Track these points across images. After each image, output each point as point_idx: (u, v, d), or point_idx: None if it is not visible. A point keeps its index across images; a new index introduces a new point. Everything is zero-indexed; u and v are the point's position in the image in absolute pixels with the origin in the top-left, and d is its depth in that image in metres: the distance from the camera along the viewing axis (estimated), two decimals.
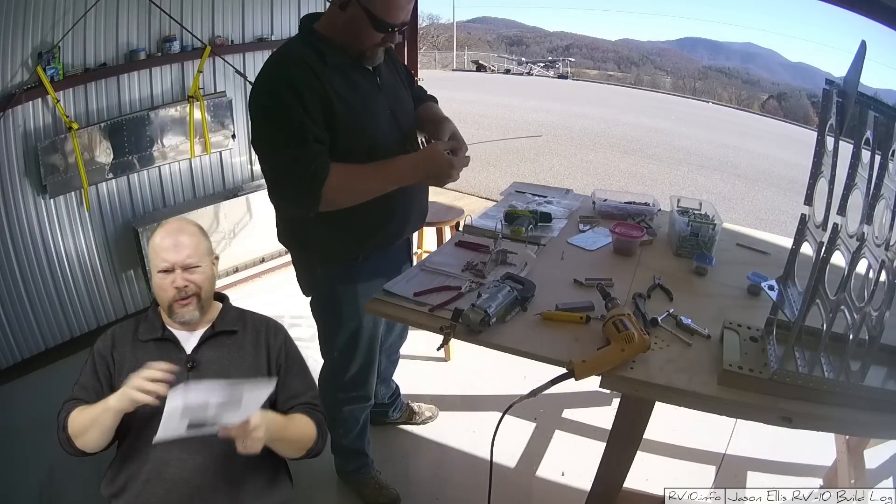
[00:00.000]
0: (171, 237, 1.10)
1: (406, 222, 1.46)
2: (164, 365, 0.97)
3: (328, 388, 1.57)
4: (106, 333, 1.14)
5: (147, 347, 1.10)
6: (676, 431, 1.93)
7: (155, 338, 1.11)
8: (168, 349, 1.10)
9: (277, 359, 1.17)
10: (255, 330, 1.19)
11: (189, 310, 1.11)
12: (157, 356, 1.08)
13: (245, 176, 2.97)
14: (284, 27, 2.91)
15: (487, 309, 1.12)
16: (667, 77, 31.91)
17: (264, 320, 1.23)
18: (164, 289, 1.10)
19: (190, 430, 0.92)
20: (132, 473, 1.04)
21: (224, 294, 1.25)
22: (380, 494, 1.73)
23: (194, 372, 1.08)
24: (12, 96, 2.02)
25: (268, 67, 1.26)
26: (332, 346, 1.53)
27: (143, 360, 1.06)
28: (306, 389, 1.18)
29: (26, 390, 2.16)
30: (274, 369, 1.16)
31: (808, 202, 1.13)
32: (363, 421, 1.68)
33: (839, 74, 1.07)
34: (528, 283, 1.27)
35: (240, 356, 1.14)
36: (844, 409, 0.95)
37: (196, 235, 1.14)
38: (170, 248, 1.09)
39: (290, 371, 1.18)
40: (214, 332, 1.14)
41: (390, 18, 1.21)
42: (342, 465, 1.76)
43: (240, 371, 1.11)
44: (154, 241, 1.12)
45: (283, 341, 1.20)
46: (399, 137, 1.38)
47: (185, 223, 1.16)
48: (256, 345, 1.16)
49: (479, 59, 23.31)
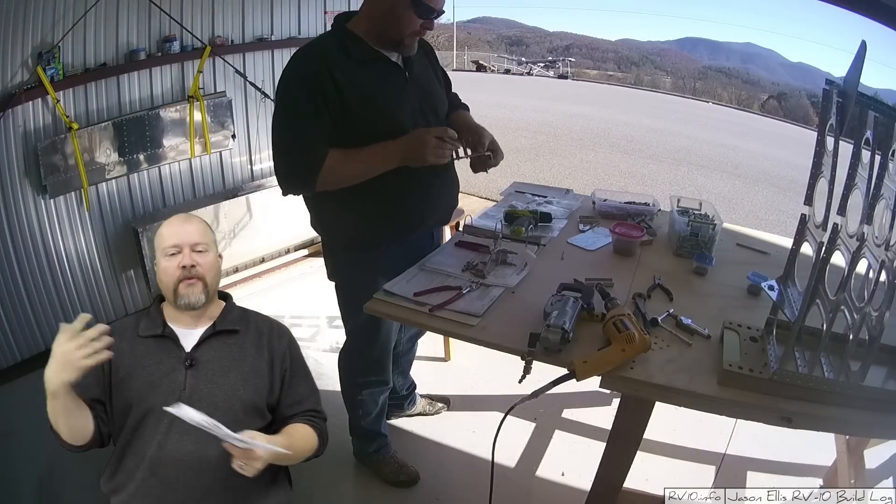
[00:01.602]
0: (178, 224, 1.13)
1: (426, 214, 1.49)
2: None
3: (348, 372, 1.67)
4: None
5: (146, 344, 1.10)
6: (676, 431, 1.93)
7: (155, 334, 1.10)
8: (167, 346, 1.10)
9: (282, 363, 1.16)
10: (257, 331, 1.18)
11: (195, 291, 1.10)
12: (156, 353, 1.08)
13: (245, 176, 2.97)
14: (284, 27, 2.91)
15: (564, 326, 1.08)
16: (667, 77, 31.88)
17: (268, 322, 1.22)
18: (171, 271, 1.09)
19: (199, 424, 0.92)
20: (129, 472, 1.04)
21: (227, 293, 1.24)
22: (400, 472, 1.77)
23: (192, 370, 1.07)
24: (12, 96, 2.02)
25: (290, 61, 1.35)
26: (353, 330, 1.59)
27: (141, 357, 1.07)
28: (310, 394, 1.18)
29: (26, 390, 2.15)
30: (278, 374, 1.15)
31: (808, 202, 1.13)
32: (381, 403, 1.73)
33: (839, 74, 1.07)
34: (584, 287, 1.23)
35: (240, 356, 1.13)
36: (844, 409, 0.95)
37: (203, 225, 1.17)
38: (177, 232, 1.11)
39: (296, 376, 1.18)
40: (215, 330, 1.13)
41: (433, 3, 1.29)
42: (362, 447, 1.80)
43: (239, 371, 1.10)
44: (161, 231, 1.13)
45: (287, 345, 1.19)
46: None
47: (192, 215, 1.19)
48: (258, 346, 1.15)
49: (479, 59, 23.28)
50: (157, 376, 1.06)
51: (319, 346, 2.48)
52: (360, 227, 1.43)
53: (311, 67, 1.29)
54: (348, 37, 1.34)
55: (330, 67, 1.28)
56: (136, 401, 1.04)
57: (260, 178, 2.99)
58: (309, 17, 3.00)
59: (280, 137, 1.34)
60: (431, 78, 1.51)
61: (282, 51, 2.88)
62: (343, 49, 1.32)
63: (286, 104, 1.33)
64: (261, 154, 2.99)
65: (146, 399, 1.04)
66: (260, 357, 1.14)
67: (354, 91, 1.29)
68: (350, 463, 1.84)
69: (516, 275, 1.40)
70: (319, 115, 1.28)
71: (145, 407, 1.04)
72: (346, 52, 1.31)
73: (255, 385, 1.11)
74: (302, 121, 1.30)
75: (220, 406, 1.06)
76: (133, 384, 1.05)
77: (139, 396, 1.04)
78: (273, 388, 1.14)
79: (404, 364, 1.92)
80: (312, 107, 1.28)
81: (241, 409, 1.08)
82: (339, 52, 1.31)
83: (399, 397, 1.98)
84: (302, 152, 1.31)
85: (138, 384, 1.05)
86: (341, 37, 1.34)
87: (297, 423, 1.13)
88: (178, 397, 1.03)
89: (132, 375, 1.06)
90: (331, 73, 1.27)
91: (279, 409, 1.15)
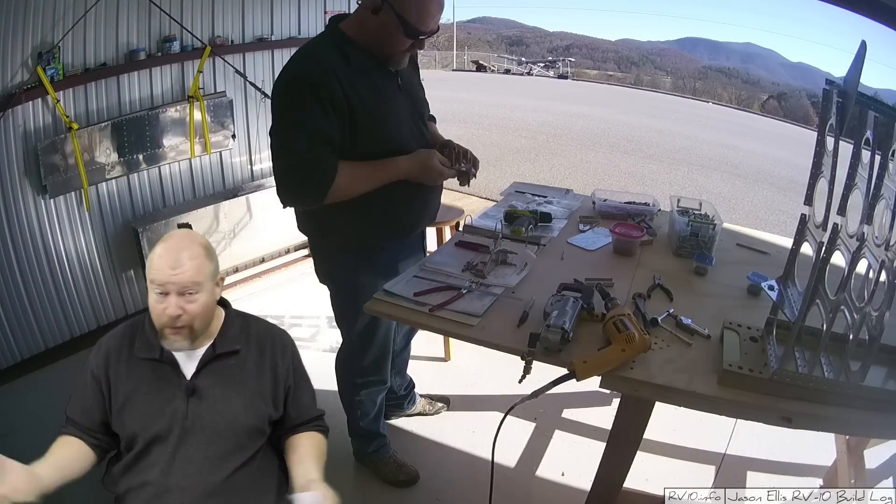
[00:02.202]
0: (172, 255, 1.00)
1: (423, 215, 1.53)
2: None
3: (346, 373, 1.67)
4: (98, 348, 1.08)
5: (143, 368, 1.05)
6: (676, 431, 1.93)
7: (152, 358, 1.05)
8: (166, 373, 1.05)
9: (286, 381, 1.14)
10: (259, 348, 1.13)
11: (178, 339, 1.03)
12: (155, 379, 1.04)
13: (245, 176, 2.96)
14: (284, 27, 2.91)
15: (563, 326, 1.08)
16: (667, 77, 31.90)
17: (269, 333, 1.16)
18: (157, 312, 1.02)
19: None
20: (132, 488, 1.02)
21: (226, 300, 1.17)
22: (399, 472, 1.78)
23: (194, 398, 1.04)
24: (12, 96, 2.02)
25: (292, 65, 1.30)
26: (351, 333, 1.58)
27: (139, 382, 1.04)
28: (312, 402, 1.20)
29: (26, 390, 2.16)
30: (281, 391, 1.12)
31: (808, 202, 1.13)
32: (379, 403, 1.73)
33: (839, 74, 1.07)
34: (584, 287, 1.24)
35: (241, 380, 1.09)
36: (844, 409, 0.95)
37: (199, 258, 1.02)
38: (168, 268, 0.99)
39: (300, 388, 1.17)
40: (216, 353, 1.08)
41: (423, 27, 1.26)
42: (361, 447, 1.80)
43: (241, 397, 1.07)
44: (154, 256, 1.01)
45: (290, 360, 1.16)
46: (419, 135, 1.44)
47: (191, 241, 1.04)
48: (260, 366, 1.11)
49: (479, 59, 23.29)
50: (158, 405, 1.03)
51: (319, 346, 2.48)
52: (362, 231, 1.42)
53: (319, 74, 1.24)
54: (346, 42, 1.31)
55: (336, 74, 1.24)
56: (140, 430, 1.02)
57: (260, 178, 2.99)
58: (309, 17, 3.00)
59: (287, 149, 1.27)
60: (418, 83, 1.51)
61: (282, 51, 2.88)
62: (343, 55, 1.28)
63: (293, 112, 1.25)
64: (261, 154, 2.99)
65: (149, 428, 1.02)
66: (262, 377, 1.11)
67: (357, 99, 1.27)
68: (350, 463, 1.84)
69: (516, 275, 1.40)
70: (330, 124, 1.25)
71: (149, 436, 1.02)
72: (346, 58, 1.28)
73: (258, 409, 1.09)
74: (312, 131, 1.24)
75: (224, 433, 1.04)
76: (133, 412, 1.03)
77: (142, 426, 1.02)
78: (277, 406, 1.12)
79: (400, 363, 1.91)
80: (323, 115, 1.23)
81: (244, 434, 1.07)
82: (339, 58, 1.28)
83: (398, 397, 1.98)
84: (313, 166, 1.25)
85: (139, 413, 1.03)
86: (339, 42, 1.30)
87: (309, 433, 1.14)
88: (182, 426, 1.02)
89: (131, 402, 1.03)
90: (338, 80, 1.24)
91: (284, 421, 1.15)
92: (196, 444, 1.02)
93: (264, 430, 1.11)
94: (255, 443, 1.09)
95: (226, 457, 1.03)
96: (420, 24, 1.25)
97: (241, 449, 1.06)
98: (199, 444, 1.03)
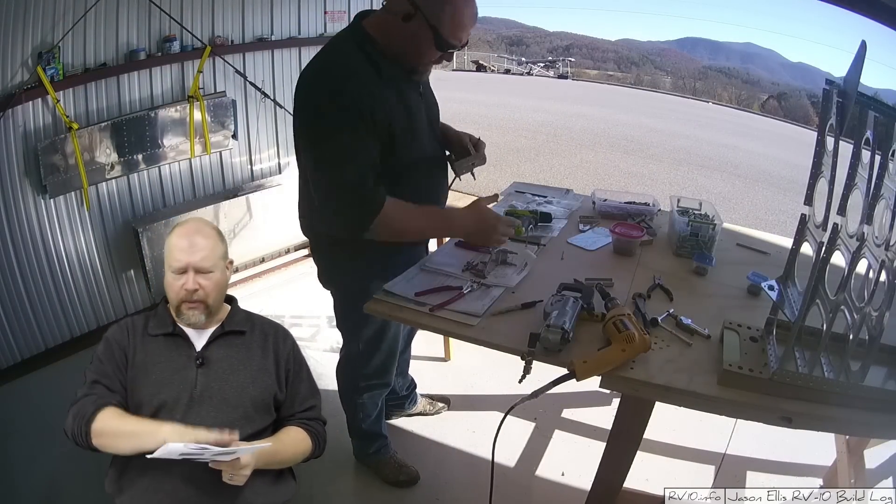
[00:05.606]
0: (187, 237, 1.12)
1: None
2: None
3: (349, 376, 1.65)
4: (120, 324, 1.15)
5: (157, 342, 1.12)
6: (676, 431, 1.93)
7: (165, 332, 1.13)
8: (178, 345, 1.13)
9: (287, 364, 1.20)
10: (262, 333, 1.21)
11: (195, 314, 1.12)
12: (167, 350, 1.11)
13: (245, 176, 2.96)
14: (284, 27, 2.91)
15: (564, 326, 1.08)
16: (667, 77, 31.87)
17: (272, 325, 1.25)
18: (175, 290, 1.12)
19: (186, 455, 0.96)
20: (137, 469, 1.04)
21: (233, 296, 1.26)
22: (400, 472, 1.78)
23: (203, 368, 1.10)
24: (12, 96, 2.02)
25: (326, 75, 1.23)
26: (357, 338, 1.55)
27: (152, 353, 1.10)
28: (311, 393, 1.23)
29: (26, 390, 2.16)
30: (283, 374, 1.19)
31: (808, 202, 1.13)
32: (381, 404, 1.73)
33: (839, 74, 1.07)
34: (584, 287, 1.23)
35: (247, 357, 1.16)
36: (844, 409, 0.95)
37: (212, 238, 1.15)
38: (185, 248, 1.10)
39: (299, 377, 1.22)
40: (224, 331, 1.16)
41: (455, 39, 1.22)
42: (362, 448, 1.80)
43: (247, 369, 1.14)
44: (171, 240, 1.13)
45: (291, 347, 1.23)
46: (434, 145, 1.43)
47: (203, 224, 1.17)
48: (264, 348, 1.19)
49: (479, 59, 23.24)
50: (168, 373, 1.09)
51: (319, 346, 2.48)
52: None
53: (356, 91, 1.18)
54: (371, 45, 1.24)
55: (372, 91, 1.19)
56: (147, 398, 1.06)
57: (260, 178, 2.99)
58: (309, 17, 3.00)
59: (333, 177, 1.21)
60: (430, 88, 1.47)
61: (282, 51, 2.88)
62: (372, 63, 1.22)
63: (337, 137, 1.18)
64: (261, 154, 2.99)
65: (157, 396, 1.06)
66: (266, 357, 1.18)
67: (393, 118, 1.23)
68: (350, 463, 1.84)
69: (516, 275, 1.40)
70: (374, 148, 1.21)
71: (156, 403, 1.05)
72: (377, 68, 1.23)
73: (264, 382, 1.15)
74: (360, 159, 1.19)
75: (232, 402, 1.09)
76: (145, 381, 1.08)
77: (150, 393, 1.06)
78: (280, 386, 1.17)
79: (402, 364, 1.91)
80: (367, 140, 1.19)
81: (251, 405, 1.11)
82: (370, 68, 1.22)
83: (400, 397, 1.98)
84: (360, 197, 1.21)
85: (149, 381, 1.07)
86: (367, 47, 1.24)
87: (289, 427, 1.17)
88: (190, 395, 1.07)
89: (144, 372, 1.08)
90: (375, 98, 1.19)
91: (284, 408, 1.19)
92: (205, 412, 1.07)
93: (269, 406, 1.15)
94: (262, 418, 1.13)
95: (232, 426, 1.05)
96: (452, 37, 1.20)
97: (248, 420, 1.10)
98: (207, 412, 1.07)
